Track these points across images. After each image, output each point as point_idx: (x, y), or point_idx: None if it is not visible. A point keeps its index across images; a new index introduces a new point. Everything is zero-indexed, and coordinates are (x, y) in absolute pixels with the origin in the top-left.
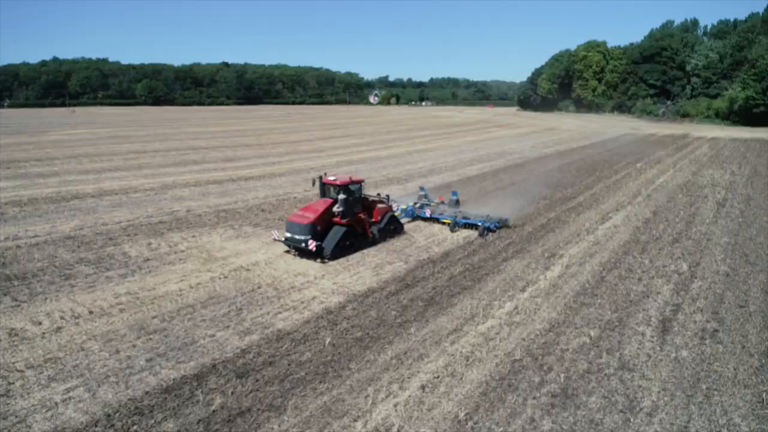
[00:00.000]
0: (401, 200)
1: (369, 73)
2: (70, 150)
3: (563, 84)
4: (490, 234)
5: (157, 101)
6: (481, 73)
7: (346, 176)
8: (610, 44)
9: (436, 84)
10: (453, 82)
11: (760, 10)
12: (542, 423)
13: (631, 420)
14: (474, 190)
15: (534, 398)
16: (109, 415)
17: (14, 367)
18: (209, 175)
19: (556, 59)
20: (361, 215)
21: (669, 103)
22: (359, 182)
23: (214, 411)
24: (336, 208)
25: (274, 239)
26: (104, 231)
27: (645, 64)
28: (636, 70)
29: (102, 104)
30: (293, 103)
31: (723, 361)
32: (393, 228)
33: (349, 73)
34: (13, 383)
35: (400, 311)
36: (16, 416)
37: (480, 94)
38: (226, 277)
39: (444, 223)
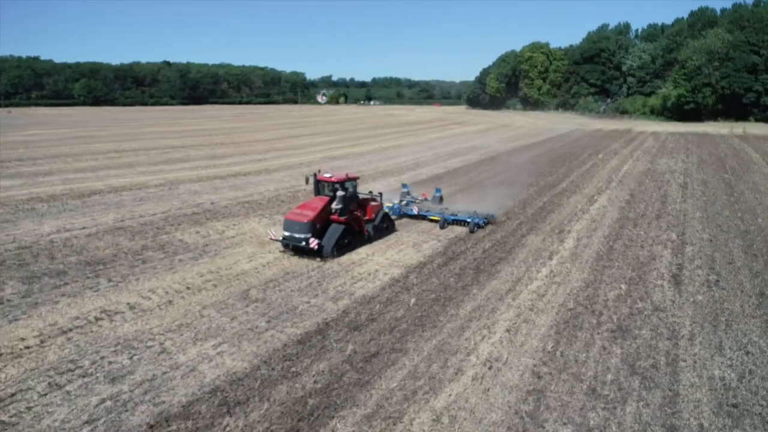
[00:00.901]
0: (385, 198)
1: (312, 72)
2: (45, 150)
3: (510, 83)
4: (478, 228)
5: (97, 101)
6: (423, 73)
7: (342, 173)
8: (553, 45)
9: (379, 84)
10: (396, 82)
11: (685, 15)
12: (613, 349)
13: (678, 344)
14: (466, 179)
15: (598, 333)
16: (265, 362)
17: (155, 332)
18: (206, 171)
19: (503, 59)
20: (357, 213)
21: (609, 100)
22: (355, 179)
23: (350, 355)
24: (335, 205)
25: (271, 239)
26: (147, 222)
27: (585, 64)
28: (577, 70)
29: (37, 104)
30: (240, 102)
31: (730, 301)
32: (386, 226)
33: (295, 73)
34: (164, 343)
35: (456, 278)
36: (186, 366)
37: (424, 93)
38: (289, 257)
39: (432, 221)
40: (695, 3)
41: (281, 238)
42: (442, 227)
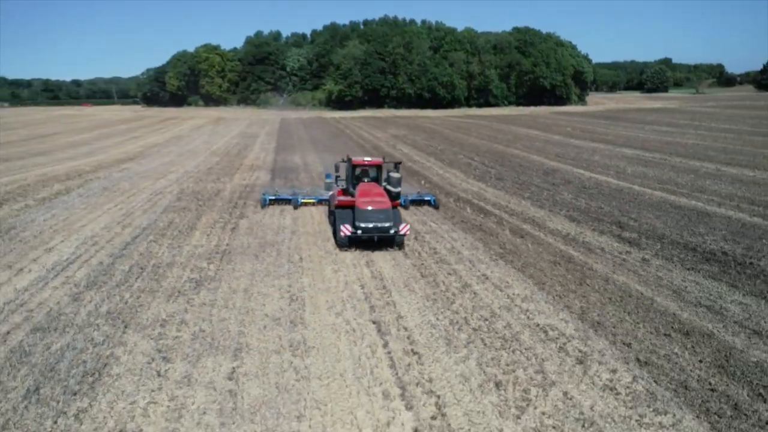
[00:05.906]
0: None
1: None
2: None
3: (190, 81)
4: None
5: None
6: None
7: (377, 158)
8: (224, 47)
9: None
10: None
11: (319, 28)
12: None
13: (532, 175)
14: (305, 151)
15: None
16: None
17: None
18: (75, 162)
19: (178, 59)
20: None
21: (285, 95)
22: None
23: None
24: (394, 189)
25: (345, 234)
26: (208, 170)
27: (258, 65)
28: (253, 70)
29: None
30: None
31: (527, 173)
32: None
33: None
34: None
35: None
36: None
37: (49, 93)
38: None
39: None
40: (326, 18)
41: (359, 232)
42: (405, 208)
